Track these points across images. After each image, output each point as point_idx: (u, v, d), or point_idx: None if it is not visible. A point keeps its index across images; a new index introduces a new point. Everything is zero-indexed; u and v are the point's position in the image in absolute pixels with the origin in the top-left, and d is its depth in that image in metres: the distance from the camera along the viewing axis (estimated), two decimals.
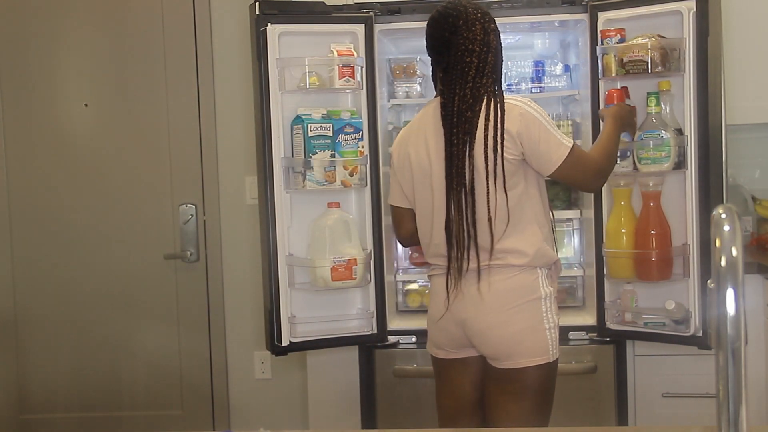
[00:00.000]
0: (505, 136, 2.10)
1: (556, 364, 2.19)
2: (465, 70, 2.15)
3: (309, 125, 2.63)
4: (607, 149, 2.29)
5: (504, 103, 2.14)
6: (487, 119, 2.11)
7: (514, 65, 3.08)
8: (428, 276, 2.35)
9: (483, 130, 2.11)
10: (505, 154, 2.10)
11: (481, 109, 2.13)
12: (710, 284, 1.07)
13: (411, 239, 2.40)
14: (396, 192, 2.37)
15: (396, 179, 2.35)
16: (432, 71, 2.30)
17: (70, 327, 3.68)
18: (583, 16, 2.70)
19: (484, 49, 2.17)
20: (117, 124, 3.67)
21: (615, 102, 2.56)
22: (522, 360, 2.14)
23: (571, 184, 2.40)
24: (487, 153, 2.10)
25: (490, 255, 2.15)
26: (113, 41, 3.66)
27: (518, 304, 2.15)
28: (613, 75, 2.59)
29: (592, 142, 2.63)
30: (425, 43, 2.27)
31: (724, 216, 1.06)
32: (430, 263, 2.31)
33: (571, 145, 2.15)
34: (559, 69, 3.04)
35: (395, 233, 2.48)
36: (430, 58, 2.28)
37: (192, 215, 3.68)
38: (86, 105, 3.67)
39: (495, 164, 2.10)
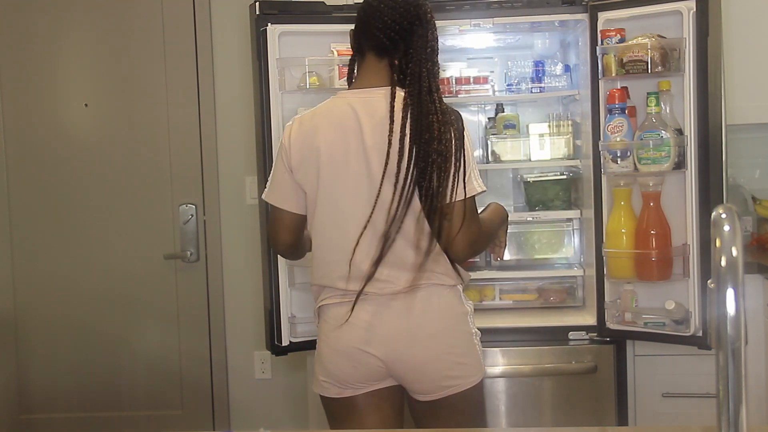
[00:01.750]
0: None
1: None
2: (427, 62, 1.94)
3: None
4: (489, 230, 2.08)
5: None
6: (438, 121, 1.89)
7: (515, 65, 3.08)
8: (323, 306, 2.00)
9: (437, 132, 1.89)
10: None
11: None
12: (710, 284, 1.06)
13: (290, 250, 2.10)
14: (287, 192, 1.98)
15: (289, 176, 1.97)
16: (353, 59, 2.08)
17: (70, 327, 3.68)
18: (583, 16, 2.70)
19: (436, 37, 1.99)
20: (117, 124, 3.67)
21: (616, 102, 2.56)
22: (460, 382, 1.95)
23: (445, 231, 1.90)
24: (439, 156, 1.88)
25: (422, 274, 1.92)
26: (113, 41, 3.66)
27: (453, 328, 1.96)
28: (613, 75, 2.59)
29: (593, 142, 2.63)
30: (364, 25, 1.98)
31: (724, 216, 1.06)
32: (332, 288, 1.95)
33: (481, 191, 1.94)
34: (559, 69, 3.04)
35: (272, 240, 2.08)
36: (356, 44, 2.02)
37: (192, 215, 3.67)
38: (86, 105, 3.67)
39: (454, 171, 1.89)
